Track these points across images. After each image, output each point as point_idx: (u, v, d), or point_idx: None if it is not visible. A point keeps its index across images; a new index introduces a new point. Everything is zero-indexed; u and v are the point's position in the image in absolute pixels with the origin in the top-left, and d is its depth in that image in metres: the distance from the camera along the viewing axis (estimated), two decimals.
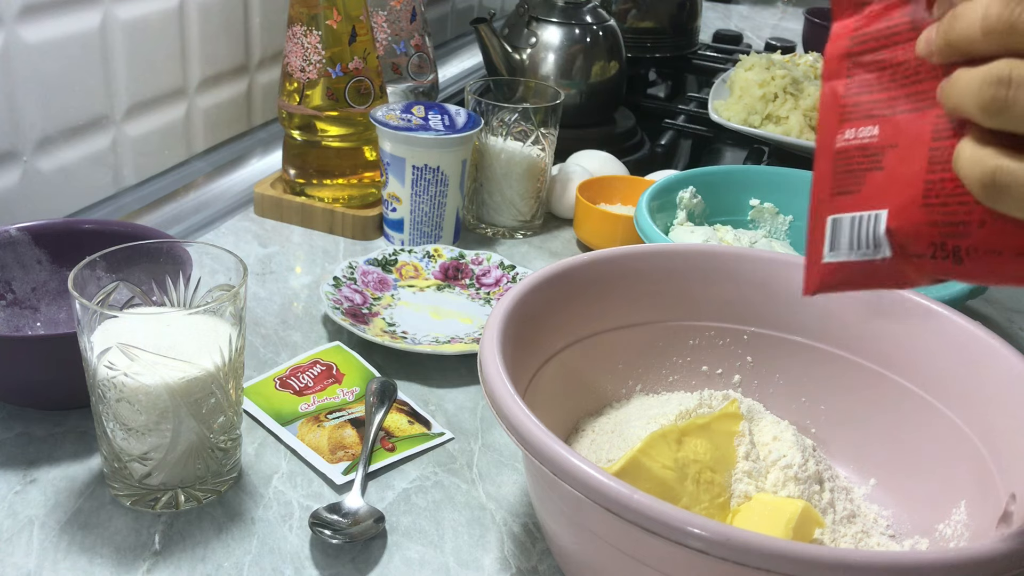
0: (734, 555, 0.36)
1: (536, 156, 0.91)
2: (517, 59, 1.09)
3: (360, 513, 0.55)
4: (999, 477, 0.48)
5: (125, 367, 0.50)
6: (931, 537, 0.51)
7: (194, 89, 0.94)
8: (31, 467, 0.58)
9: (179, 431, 0.52)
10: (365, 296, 0.78)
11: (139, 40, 0.86)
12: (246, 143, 1.04)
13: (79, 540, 0.53)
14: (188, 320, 0.53)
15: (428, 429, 0.64)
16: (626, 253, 0.59)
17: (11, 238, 0.66)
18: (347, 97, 0.87)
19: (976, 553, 0.37)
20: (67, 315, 0.68)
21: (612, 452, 0.54)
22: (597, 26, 1.11)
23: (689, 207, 0.83)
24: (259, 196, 0.92)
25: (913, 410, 0.54)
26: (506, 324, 0.50)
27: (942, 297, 0.66)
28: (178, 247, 0.57)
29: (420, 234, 0.88)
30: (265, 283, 0.81)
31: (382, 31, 1.03)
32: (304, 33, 0.85)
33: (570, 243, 0.94)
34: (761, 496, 0.49)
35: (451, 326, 0.76)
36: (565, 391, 0.57)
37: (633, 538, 0.41)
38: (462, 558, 0.54)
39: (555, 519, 0.48)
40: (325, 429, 0.62)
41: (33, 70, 0.76)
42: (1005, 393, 0.50)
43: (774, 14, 2.00)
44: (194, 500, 0.55)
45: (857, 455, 0.57)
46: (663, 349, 0.61)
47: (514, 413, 0.43)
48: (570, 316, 0.57)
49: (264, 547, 0.53)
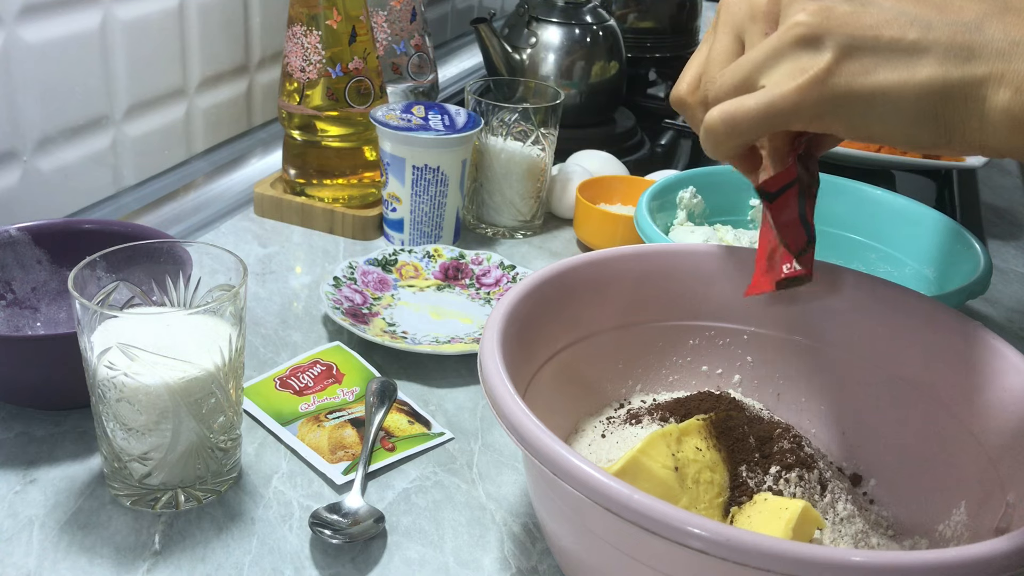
0: (734, 555, 0.36)
1: (536, 156, 0.91)
2: (517, 59, 1.09)
3: (360, 513, 0.55)
4: (999, 477, 0.48)
5: (125, 367, 0.50)
6: (931, 537, 0.51)
7: (194, 89, 0.94)
8: (31, 467, 0.58)
9: (179, 431, 0.52)
10: (365, 296, 0.78)
11: (139, 40, 0.86)
12: (246, 143, 1.04)
13: (79, 540, 0.53)
14: (188, 320, 0.53)
15: (428, 429, 0.64)
16: (626, 253, 0.59)
17: (11, 238, 0.66)
18: (347, 97, 0.87)
19: (976, 553, 0.37)
20: (67, 315, 0.68)
21: (612, 452, 0.54)
22: (597, 26, 1.11)
23: (689, 207, 0.83)
24: (259, 196, 0.92)
25: (913, 410, 0.54)
26: (506, 324, 0.50)
27: (942, 297, 0.66)
28: (178, 247, 0.57)
29: (420, 234, 0.88)
30: (265, 283, 0.81)
31: (382, 31, 1.03)
32: (304, 33, 0.85)
33: (570, 243, 0.94)
34: (761, 496, 0.49)
35: (451, 326, 0.76)
36: (565, 391, 0.57)
37: (633, 538, 0.41)
38: (462, 558, 0.54)
39: (555, 519, 0.48)
40: (325, 429, 0.62)
41: (33, 70, 0.76)
42: (1005, 393, 0.50)
43: None
44: (194, 500, 0.55)
45: (857, 455, 0.57)
46: (663, 349, 0.61)
47: (514, 413, 0.43)
48: (570, 316, 0.57)
49: (264, 547, 0.53)
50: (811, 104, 0.43)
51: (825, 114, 0.43)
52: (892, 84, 0.41)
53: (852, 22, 0.42)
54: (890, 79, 0.41)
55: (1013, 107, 0.39)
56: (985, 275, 0.71)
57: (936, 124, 0.41)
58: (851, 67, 0.42)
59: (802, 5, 0.43)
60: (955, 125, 0.41)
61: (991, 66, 0.40)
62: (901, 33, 0.41)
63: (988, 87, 0.40)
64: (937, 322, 0.54)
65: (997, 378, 0.50)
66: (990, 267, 0.72)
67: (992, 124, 0.40)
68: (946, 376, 0.53)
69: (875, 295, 0.56)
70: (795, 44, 0.43)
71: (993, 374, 0.51)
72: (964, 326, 0.53)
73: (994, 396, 0.50)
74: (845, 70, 0.42)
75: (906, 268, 0.80)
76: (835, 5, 0.43)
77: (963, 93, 0.40)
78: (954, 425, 0.52)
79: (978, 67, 0.40)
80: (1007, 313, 0.86)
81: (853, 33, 0.42)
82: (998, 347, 0.51)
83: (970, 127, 0.41)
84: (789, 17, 0.44)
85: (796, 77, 0.43)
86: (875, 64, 0.41)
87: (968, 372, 0.52)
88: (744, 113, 0.45)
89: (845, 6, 0.43)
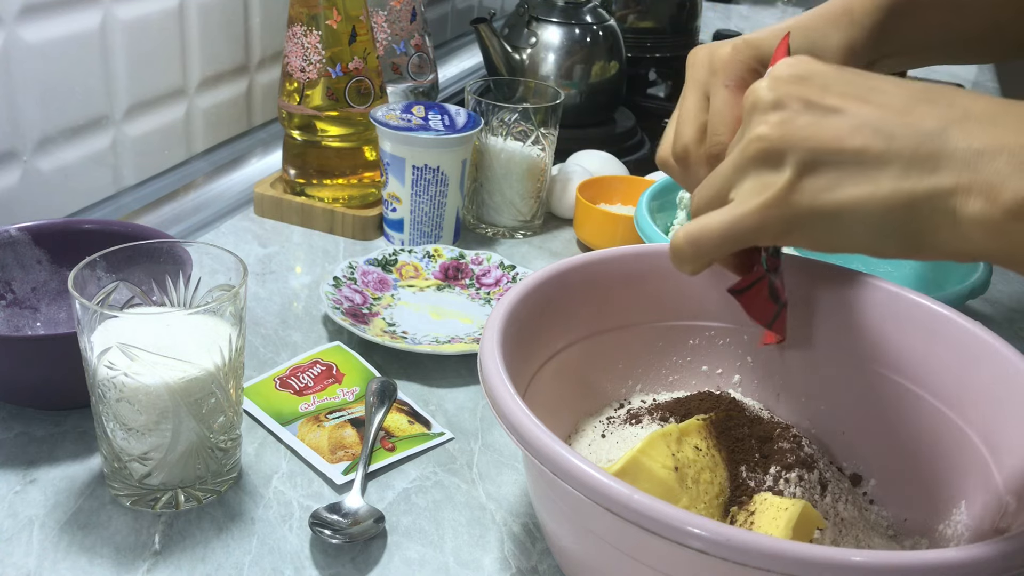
0: (734, 555, 0.36)
1: (536, 156, 0.91)
2: (517, 59, 1.09)
3: (360, 513, 0.55)
4: (999, 477, 0.48)
5: (125, 367, 0.50)
6: (931, 537, 0.51)
7: (194, 89, 0.94)
8: (31, 467, 0.58)
9: (179, 431, 0.52)
10: (365, 296, 0.78)
11: (139, 40, 0.86)
12: (246, 143, 1.04)
13: (79, 540, 0.53)
14: (188, 320, 0.53)
15: (428, 429, 0.64)
16: (626, 253, 0.59)
17: (11, 238, 0.66)
18: (347, 97, 0.87)
19: (976, 553, 0.37)
20: (67, 315, 0.68)
21: (612, 452, 0.54)
22: (597, 26, 1.11)
23: (689, 207, 0.83)
24: (259, 196, 0.92)
25: (913, 410, 0.54)
26: (506, 324, 0.50)
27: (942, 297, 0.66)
28: (178, 247, 0.57)
29: (420, 234, 0.88)
30: (265, 283, 0.81)
31: (382, 31, 1.03)
32: (304, 33, 0.85)
33: (570, 243, 0.94)
34: (761, 496, 0.49)
35: (451, 326, 0.76)
36: (565, 391, 0.57)
37: (633, 538, 0.41)
38: (462, 558, 0.54)
39: (555, 519, 0.48)
40: (325, 429, 0.62)
41: (33, 70, 0.76)
42: (1005, 393, 0.50)
43: (774, 14, 2.00)
44: (194, 500, 0.55)
45: (857, 455, 0.57)
46: (663, 349, 0.61)
47: (514, 413, 0.43)
48: (570, 316, 0.57)
49: (264, 547, 0.53)
50: (774, 222, 0.42)
51: (790, 231, 0.42)
52: (856, 199, 0.40)
53: (813, 135, 0.41)
54: (853, 194, 0.40)
55: (987, 216, 0.37)
56: (985, 275, 0.71)
57: (904, 235, 0.40)
58: (813, 183, 0.41)
59: (763, 117, 0.42)
60: (923, 236, 0.40)
61: (958, 177, 0.38)
62: (864, 144, 0.40)
63: (956, 198, 0.38)
64: (937, 322, 0.54)
65: (997, 378, 0.50)
66: (990, 267, 0.72)
67: (964, 234, 0.39)
68: (946, 376, 0.53)
69: (875, 295, 0.56)
70: (756, 160, 0.42)
71: (993, 374, 0.51)
72: (964, 326, 0.53)
73: (994, 396, 0.50)
74: (807, 187, 0.41)
75: (906, 268, 0.80)
76: (795, 116, 0.42)
77: (930, 205, 0.39)
78: (954, 425, 0.52)
79: (944, 178, 0.38)
80: (1007, 313, 0.86)
81: (814, 147, 0.41)
82: (998, 347, 0.51)
83: (940, 237, 0.39)
84: (751, 129, 0.43)
85: (759, 195, 0.42)
86: (838, 179, 0.40)
87: (968, 372, 0.52)
88: (708, 235, 0.44)
89: (806, 117, 0.41)
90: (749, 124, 0.43)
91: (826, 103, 0.41)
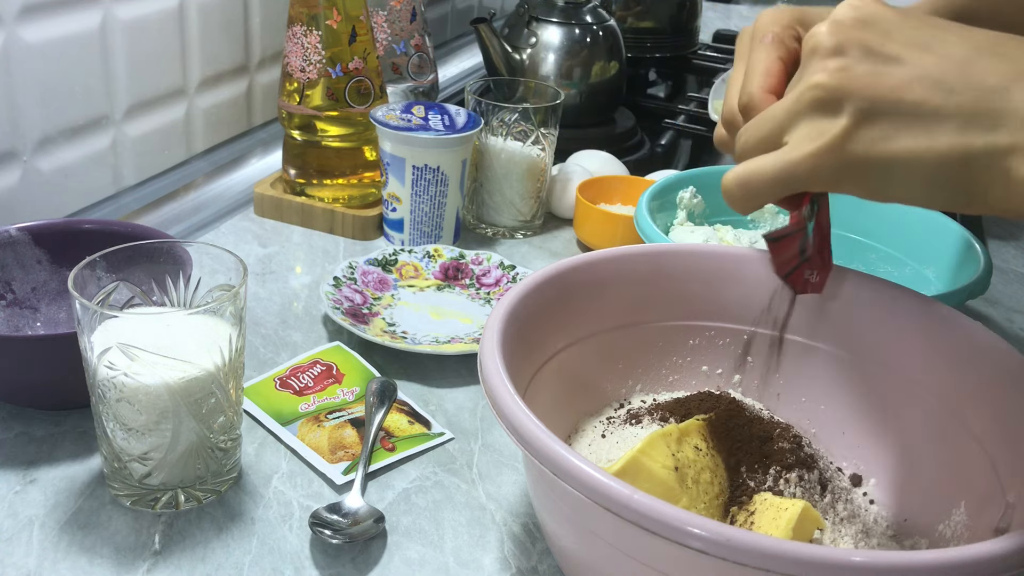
0: (734, 555, 0.36)
1: (536, 156, 0.91)
2: (517, 59, 1.09)
3: (360, 513, 0.55)
4: (999, 477, 0.48)
5: (125, 367, 0.50)
6: (931, 537, 0.51)
7: (194, 89, 0.94)
8: (31, 467, 0.58)
9: (179, 431, 0.52)
10: (365, 296, 0.78)
11: (139, 40, 0.86)
12: (246, 143, 1.04)
13: (79, 540, 0.53)
14: (188, 320, 0.53)
15: (428, 429, 0.64)
16: (626, 253, 0.59)
17: (11, 238, 0.66)
18: (347, 97, 0.87)
19: (976, 553, 0.37)
20: (67, 315, 0.68)
21: (612, 452, 0.54)
22: (597, 26, 1.11)
23: (689, 207, 0.83)
24: (259, 196, 0.92)
25: (913, 410, 0.54)
26: (506, 324, 0.50)
27: (942, 297, 0.66)
28: (178, 247, 0.57)
29: (420, 234, 0.88)
30: (265, 283, 0.81)
31: (382, 31, 1.03)
32: (304, 33, 0.85)
33: (570, 243, 0.94)
34: (761, 496, 0.49)
35: (451, 326, 0.76)
36: (565, 391, 0.57)
37: (633, 538, 0.41)
38: (462, 558, 0.54)
39: (555, 519, 0.48)
40: (325, 429, 0.62)
41: (33, 70, 0.76)
42: (1005, 393, 0.50)
43: None
44: (194, 500, 0.55)
45: (857, 455, 0.57)
46: (663, 349, 0.61)
47: (514, 413, 0.43)
48: (570, 316, 0.57)
49: (264, 547, 0.53)
50: (828, 169, 0.42)
51: (843, 179, 0.42)
52: (911, 151, 0.40)
53: (872, 83, 0.40)
54: (909, 146, 0.40)
55: None
56: (985, 275, 0.71)
57: (956, 189, 0.40)
58: (869, 133, 0.40)
59: (822, 63, 0.42)
60: (976, 191, 0.40)
61: (1015, 136, 0.38)
62: (923, 97, 0.39)
63: (1012, 158, 0.38)
64: (937, 322, 0.54)
65: (997, 378, 0.50)
66: (990, 267, 0.72)
67: (1016, 193, 0.38)
68: (946, 376, 0.53)
69: (875, 295, 0.56)
70: (812, 106, 0.42)
71: (993, 374, 0.51)
72: (964, 326, 0.53)
73: (994, 396, 0.50)
74: (863, 136, 0.40)
75: (906, 268, 0.80)
76: (855, 64, 0.41)
77: (985, 162, 0.39)
78: (954, 425, 0.52)
79: (1002, 136, 0.38)
80: (1007, 313, 0.86)
81: (872, 96, 0.40)
82: (998, 347, 0.51)
83: (993, 194, 0.39)
84: (809, 76, 0.42)
85: (813, 140, 0.42)
86: (894, 130, 0.40)
87: (968, 372, 0.52)
88: (760, 178, 0.44)
89: (865, 65, 0.41)
90: (807, 68, 0.43)
91: (887, 51, 0.41)
